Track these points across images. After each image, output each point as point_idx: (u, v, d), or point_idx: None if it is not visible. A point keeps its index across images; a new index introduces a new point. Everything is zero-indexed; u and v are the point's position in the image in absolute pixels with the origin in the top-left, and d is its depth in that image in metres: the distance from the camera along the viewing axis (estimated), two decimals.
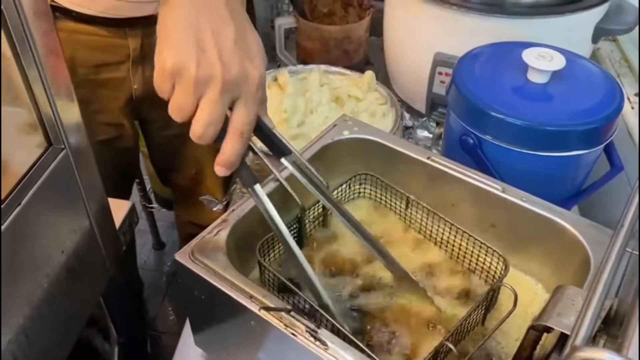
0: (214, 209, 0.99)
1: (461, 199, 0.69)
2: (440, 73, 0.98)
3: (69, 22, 0.93)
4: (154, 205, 1.79)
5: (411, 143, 0.84)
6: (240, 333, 0.59)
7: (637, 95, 1.07)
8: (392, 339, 0.60)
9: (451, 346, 0.53)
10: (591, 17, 0.93)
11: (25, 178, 0.48)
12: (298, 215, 0.66)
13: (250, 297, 0.54)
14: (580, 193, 0.81)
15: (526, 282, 0.67)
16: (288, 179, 0.64)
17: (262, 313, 0.53)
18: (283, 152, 0.59)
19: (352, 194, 0.75)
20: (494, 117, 0.73)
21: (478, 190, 0.67)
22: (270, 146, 0.59)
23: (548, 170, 0.75)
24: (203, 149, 1.16)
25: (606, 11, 0.94)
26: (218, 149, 0.52)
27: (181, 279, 0.60)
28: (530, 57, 0.76)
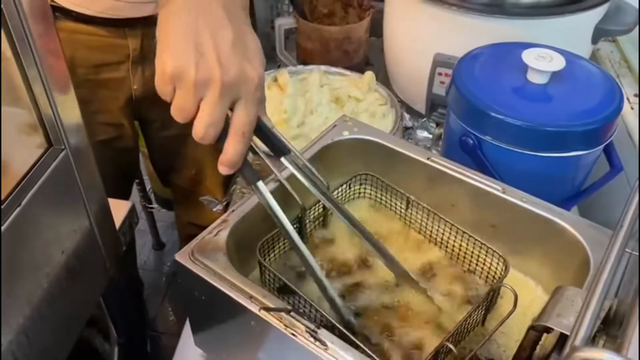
0: (214, 210, 0.99)
1: (461, 200, 0.69)
2: (440, 74, 0.98)
3: (69, 22, 0.93)
4: (154, 205, 1.79)
5: (411, 144, 0.84)
6: (240, 333, 0.59)
7: (637, 95, 1.07)
8: (392, 340, 0.60)
9: (451, 346, 0.53)
10: (591, 18, 0.93)
11: (25, 178, 0.48)
12: (299, 215, 0.66)
13: (250, 298, 0.54)
14: (580, 193, 0.81)
15: (526, 283, 0.67)
16: (289, 179, 0.64)
17: (262, 313, 0.53)
18: (282, 152, 0.59)
19: (352, 194, 0.75)
20: (494, 118, 0.73)
21: (478, 190, 0.67)
22: (269, 146, 0.59)
23: (548, 170, 0.76)
24: (203, 150, 1.17)
25: (606, 12, 0.94)
26: (220, 149, 0.53)
27: (181, 280, 0.60)
28: (530, 58, 0.76)
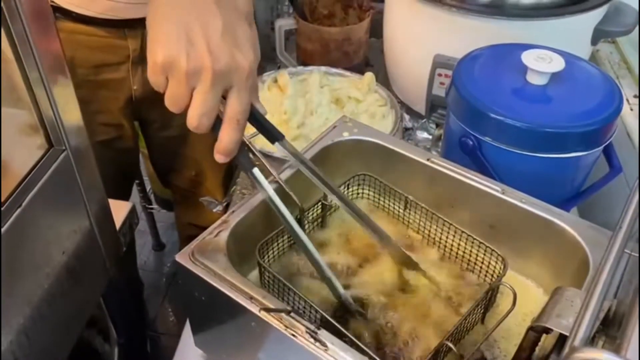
0: (214, 210, 0.99)
1: (460, 201, 0.69)
2: (440, 75, 0.98)
3: (69, 23, 0.93)
4: (154, 206, 1.79)
5: (411, 144, 0.84)
6: (240, 334, 0.59)
7: (637, 96, 1.07)
8: (392, 339, 0.60)
9: (451, 345, 0.53)
10: (590, 19, 0.93)
11: (26, 179, 0.48)
12: (297, 216, 0.66)
13: (250, 298, 0.54)
14: (579, 194, 0.81)
15: (525, 283, 0.67)
16: (287, 181, 0.64)
17: (262, 314, 0.53)
18: (276, 137, 0.60)
19: (351, 195, 0.74)
20: (494, 119, 0.73)
21: (477, 191, 0.67)
22: (263, 132, 0.60)
23: (547, 171, 0.76)
24: (203, 150, 1.17)
25: (605, 13, 0.94)
26: (216, 138, 0.53)
27: (181, 280, 0.60)
28: (529, 59, 0.76)
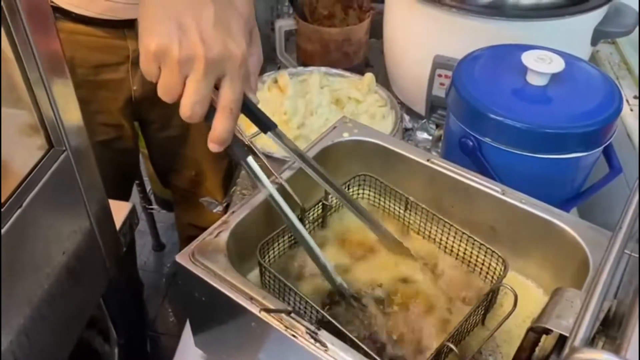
0: (214, 211, 0.99)
1: (460, 201, 0.69)
2: (439, 75, 0.98)
3: (68, 23, 0.93)
4: (154, 206, 1.79)
5: (411, 145, 0.84)
6: (240, 334, 0.59)
7: (636, 97, 1.07)
8: (392, 340, 0.60)
9: (452, 346, 0.53)
10: (590, 20, 0.93)
11: (26, 180, 0.48)
12: (298, 216, 0.66)
13: (250, 299, 0.54)
14: (579, 195, 0.81)
15: (525, 284, 0.68)
16: (288, 181, 0.65)
17: (263, 314, 0.53)
18: (269, 127, 0.60)
19: (351, 196, 0.74)
20: (494, 120, 0.73)
21: (477, 192, 0.67)
22: (255, 121, 0.60)
23: (547, 172, 0.76)
24: (202, 151, 1.17)
25: (605, 14, 0.94)
26: (209, 127, 0.53)
27: (182, 281, 0.60)
28: (529, 60, 0.76)
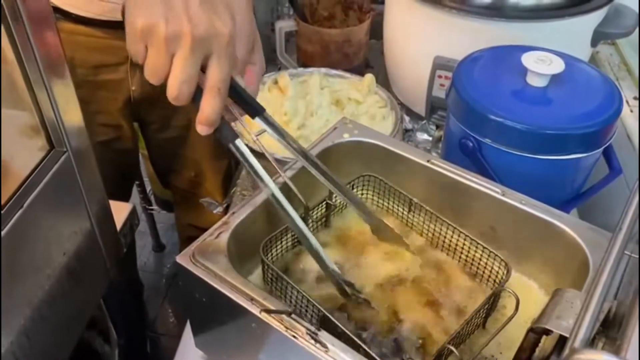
0: (214, 212, 0.99)
1: (460, 202, 0.69)
2: (440, 76, 0.98)
3: (68, 23, 0.93)
4: (154, 207, 1.79)
5: (411, 146, 0.84)
6: (241, 335, 0.59)
7: (636, 98, 1.07)
8: (393, 340, 0.60)
9: (453, 349, 0.53)
10: (590, 21, 0.93)
11: (27, 181, 0.48)
12: (302, 214, 0.66)
13: (251, 300, 0.54)
14: (579, 196, 0.81)
15: (525, 285, 0.67)
16: (293, 179, 0.65)
17: (263, 315, 0.53)
18: (257, 111, 0.60)
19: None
20: (494, 121, 0.74)
21: (477, 193, 0.67)
22: (243, 105, 0.59)
23: (547, 173, 0.76)
24: (202, 151, 1.17)
25: (605, 15, 0.94)
26: (197, 109, 0.53)
27: (182, 281, 0.60)
28: (529, 61, 0.77)
